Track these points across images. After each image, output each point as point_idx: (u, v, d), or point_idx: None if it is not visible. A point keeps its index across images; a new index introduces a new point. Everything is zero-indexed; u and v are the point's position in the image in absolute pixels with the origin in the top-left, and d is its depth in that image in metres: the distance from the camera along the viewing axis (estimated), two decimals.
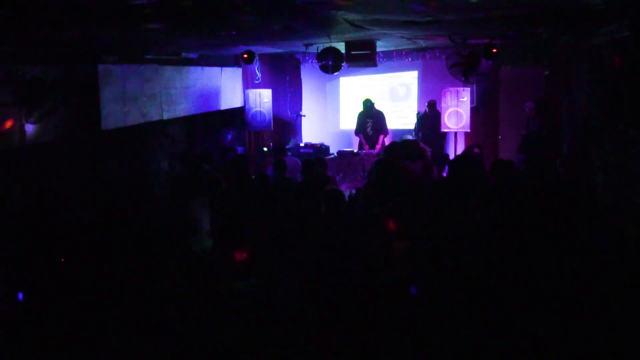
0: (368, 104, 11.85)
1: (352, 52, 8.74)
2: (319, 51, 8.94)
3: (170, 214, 7.16)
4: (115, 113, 8.02)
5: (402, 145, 8.63)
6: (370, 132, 11.64)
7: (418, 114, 12.77)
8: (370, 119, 11.72)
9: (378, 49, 9.48)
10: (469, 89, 11.40)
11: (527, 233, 5.61)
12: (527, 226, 5.75)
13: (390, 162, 7.61)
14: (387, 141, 11.35)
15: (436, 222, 6.09)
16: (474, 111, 11.82)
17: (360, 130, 11.85)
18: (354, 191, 8.86)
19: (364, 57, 8.82)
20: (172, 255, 5.58)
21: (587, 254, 5.43)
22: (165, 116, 9.40)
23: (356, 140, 12.58)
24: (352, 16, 5.42)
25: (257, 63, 11.50)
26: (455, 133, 11.55)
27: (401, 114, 13.70)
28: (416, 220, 5.96)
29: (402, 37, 8.40)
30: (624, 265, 5.16)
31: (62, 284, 5.14)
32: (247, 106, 11.96)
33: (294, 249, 5.64)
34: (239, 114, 12.13)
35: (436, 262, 5.32)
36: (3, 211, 6.23)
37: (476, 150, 9.79)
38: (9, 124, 6.18)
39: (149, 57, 8.82)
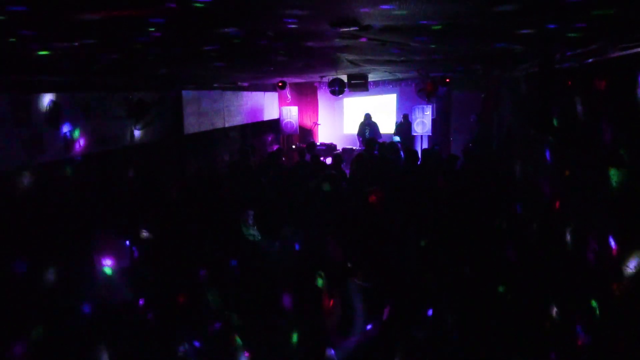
0: (367, 116, 11.95)
1: (352, 81, 8.75)
2: (329, 80, 8.98)
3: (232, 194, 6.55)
4: (193, 123, 8.14)
5: (382, 144, 8.58)
6: (368, 136, 11.70)
7: (397, 123, 12.77)
8: (368, 127, 11.80)
9: (369, 79, 9.48)
10: (430, 106, 11.41)
11: (472, 199, 5.68)
12: (472, 195, 5.81)
13: (366, 155, 7.59)
14: None
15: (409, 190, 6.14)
16: (434, 121, 11.85)
17: (360, 133, 11.93)
18: None
19: (360, 85, 8.83)
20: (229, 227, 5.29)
21: (506, 216, 5.49)
22: (227, 125, 9.51)
23: (354, 140, 12.65)
24: (351, 57, 5.44)
25: (288, 89, 11.57)
26: (422, 136, 11.57)
27: (384, 123, 13.72)
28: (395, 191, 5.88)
29: (385, 71, 8.40)
30: (530, 225, 5.20)
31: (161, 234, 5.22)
32: (281, 118, 12.05)
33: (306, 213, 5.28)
34: (276, 123, 12.21)
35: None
36: (122, 187, 6.37)
37: (436, 147, 9.82)
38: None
39: (216, 85, 8.90)
